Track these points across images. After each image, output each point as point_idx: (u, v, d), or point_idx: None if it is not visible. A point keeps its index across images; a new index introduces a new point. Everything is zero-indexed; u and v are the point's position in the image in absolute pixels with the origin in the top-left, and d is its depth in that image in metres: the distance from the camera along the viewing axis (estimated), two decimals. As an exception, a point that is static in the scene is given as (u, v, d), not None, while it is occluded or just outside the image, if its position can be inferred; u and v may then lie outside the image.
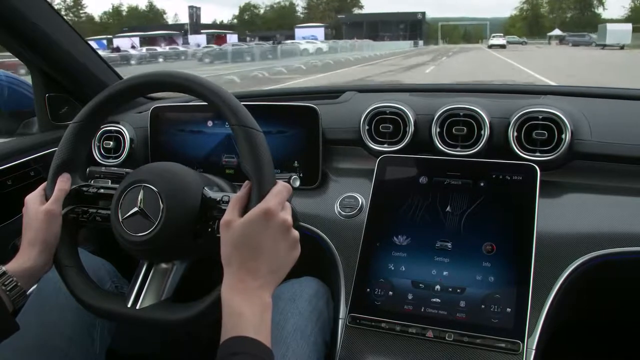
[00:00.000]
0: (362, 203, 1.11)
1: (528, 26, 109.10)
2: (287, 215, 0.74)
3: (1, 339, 0.77)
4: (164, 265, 0.85)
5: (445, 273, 0.97)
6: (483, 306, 0.93)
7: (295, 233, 0.75)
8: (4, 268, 0.80)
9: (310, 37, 62.94)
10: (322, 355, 0.96)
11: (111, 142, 1.34)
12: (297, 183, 0.83)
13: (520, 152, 1.08)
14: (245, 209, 0.74)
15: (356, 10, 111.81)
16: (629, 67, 18.74)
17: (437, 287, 0.96)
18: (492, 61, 26.22)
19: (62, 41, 1.29)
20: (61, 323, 0.93)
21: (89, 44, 1.38)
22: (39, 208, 0.85)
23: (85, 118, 0.89)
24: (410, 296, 0.97)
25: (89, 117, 0.89)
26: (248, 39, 67.77)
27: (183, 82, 0.82)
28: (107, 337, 0.99)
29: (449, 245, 0.99)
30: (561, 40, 64.52)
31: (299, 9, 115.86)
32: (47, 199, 0.86)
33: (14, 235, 1.19)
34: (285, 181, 0.78)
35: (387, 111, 1.18)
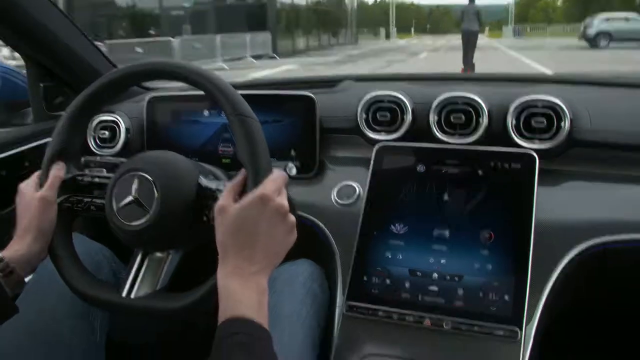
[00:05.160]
0: (359, 192, 1.10)
1: (581, 3, 58.38)
2: (283, 201, 0.73)
3: (0, 321, 0.77)
4: (159, 255, 0.85)
5: (442, 261, 0.97)
6: (481, 294, 0.92)
7: (292, 218, 0.75)
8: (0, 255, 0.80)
9: None
10: (317, 339, 0.96)
11: (107, 132, 1.33)
12: (294, 171, 0.82)
13: (519, 140, 1.07)
14: (240, 196, 0.74)
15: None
16: None
17: (435, 275, 0.96)
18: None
19: (56, 30, 1.28)
20: (61, 310, 0.93)
21: (83, 33, 1.37)
22: (33, 195, 0.85)
23: (78, 107, 0.89)
24: (407, 284, 0.97)
25: (83, 106, 0.89)
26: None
27: (178, 70, 0.82)
28: (107, 325, 1.00)
29: (447, 233, 0.98)
30: None
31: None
32: (41, 187, 0.86)
33: (9, 226, 1.18)
34: (281, 169, 0.78)
35: (385, 99, 1.17)
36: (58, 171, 0.87)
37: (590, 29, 20.04)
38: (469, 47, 11.74)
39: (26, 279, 0.84)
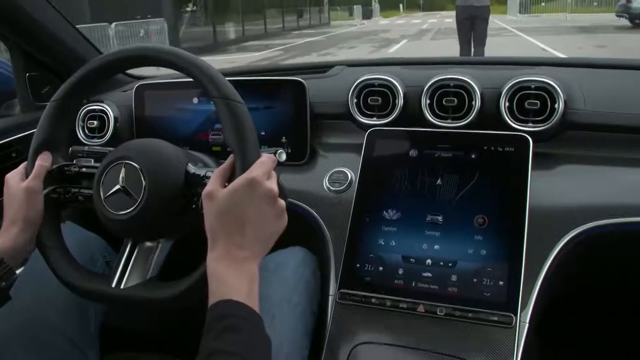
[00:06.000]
0: (351, 178, 1.09)
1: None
2: (272, 185, 0.72)
3: None
4: (148, 244, 0.84)
5: (436, 247, 0.96)
6: (475, 280, 0.92)
7: (282, 202, 0.74)
8: None
9: None
10: (311, 327, 0.96)
11: (95, 122, 1.31)
12: (283, 157, 0.81)
13: (512, 122, 1.06)
14: (228, 181, 0.72)
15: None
16: None
17: (428, 261, 0.95)
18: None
19: (41, 18, 1.26)
20: (55, 298, 0.92)
21: (67, 20, 1.34)
22: (19, 185, 0.83)
23: (63, 96, 0.87)
24: (400, 271, 0.96)
25: (68, 94, 0.87)
26: None
27: (161, 55, 0.80)
28: (102, 312, 0.99)
29: (440, 218, 0.97)
30: None
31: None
32: (27, 177, 0.85)
33: None
34: (270, 154, 0.77)
35: (376, 83, 1.16)
36: (44, 161, 0.86)
37: (637, 2, 14.22)
38: (475, 35, 6.66)
39: (18, 271, 0.83)
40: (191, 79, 0.79)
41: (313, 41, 18.28)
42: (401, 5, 52.76)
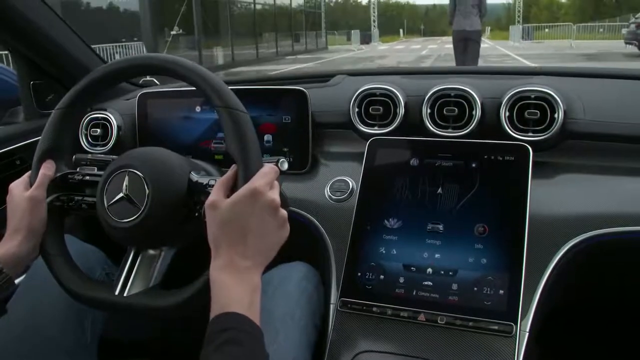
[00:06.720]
0: (352, 187, 1.09)
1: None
2: (274, 195, 0.73)
3: None
4: (151, 252, 0.85)
5: (437, 255, 0.96)
6: (475, 288, 0.92)
7: (284, 212, 0.74)
8: None
9: None
10: (313, 340, 0.95)
11: (98, 130, 1.32)
12: (285, 166, 0.82)
13: (513, 132, 1.06)
14: (231, 191, 0.73)
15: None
16: None
17: (429, 270, 0.95)
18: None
19: (46, 27, 1.27)
20: (53, 311, 0.92)
21: (72, 29, 1.35)
22: (23, 194, 0.84)
23: (67, 104, 0.88)
24: (401, 280, 0.96)
25: (72, 103, 0.88)
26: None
27: (165, 64, 0.81)
28: (100, 325, 0.99)
29: (441, 227, 0.98)
30: None
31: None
32: (31, 186, 0.85)
33: (1, 225, 1.17)
34: (273, 164, 0.78)
35: (377, 93, 1.16)
36: (47, 170, 0.87)
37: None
38: (468, 56, 7.43)
39: (17, 280, 0.83)
40: (194, 88, 0.80)
41: (303, 68, 16.85)
42: (401, 31, 52.45)
